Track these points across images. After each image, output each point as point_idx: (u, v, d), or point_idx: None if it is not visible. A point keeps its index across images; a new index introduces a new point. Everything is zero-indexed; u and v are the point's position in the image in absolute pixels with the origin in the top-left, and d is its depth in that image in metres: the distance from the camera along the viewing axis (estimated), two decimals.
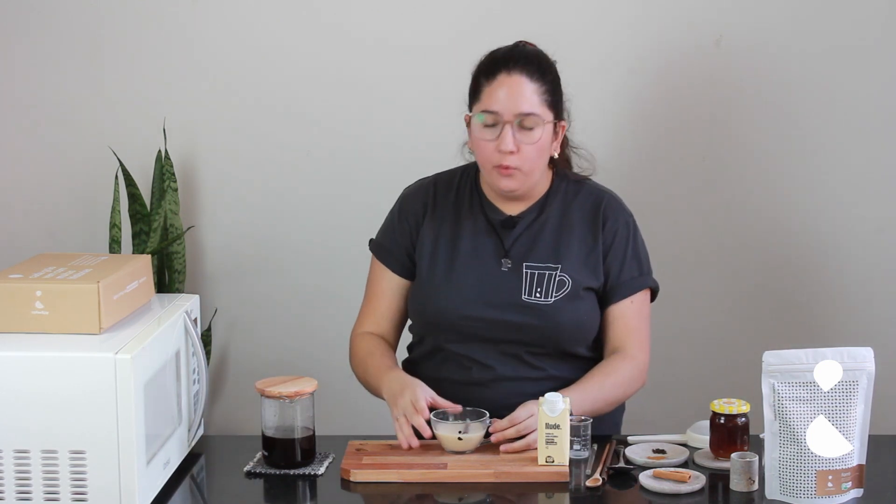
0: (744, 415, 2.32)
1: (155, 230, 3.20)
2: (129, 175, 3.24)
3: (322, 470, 2.31)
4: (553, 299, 2.50)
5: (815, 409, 2.15)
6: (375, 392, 2.55)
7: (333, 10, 3.30)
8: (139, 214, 3.25)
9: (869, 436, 2.18)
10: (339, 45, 3.30)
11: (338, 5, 3.30)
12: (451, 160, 2.67)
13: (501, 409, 2.40)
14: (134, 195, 3.25)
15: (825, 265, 3.34)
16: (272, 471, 2.31)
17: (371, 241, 2.68)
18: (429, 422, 2.37)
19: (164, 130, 3.26)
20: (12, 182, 3.37)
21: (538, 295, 2.51)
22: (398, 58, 3.31)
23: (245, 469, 2.33)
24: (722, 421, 2.32)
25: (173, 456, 2.30)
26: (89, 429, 2.05)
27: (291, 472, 2.30)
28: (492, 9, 3.28)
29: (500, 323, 2.51)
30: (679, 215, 3.34)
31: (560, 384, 2.49)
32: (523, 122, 2.45)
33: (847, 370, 2.15)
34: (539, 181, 2.56)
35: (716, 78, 3.29)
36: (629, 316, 2.56)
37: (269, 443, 2.32)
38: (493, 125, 2.46)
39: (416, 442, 2.36)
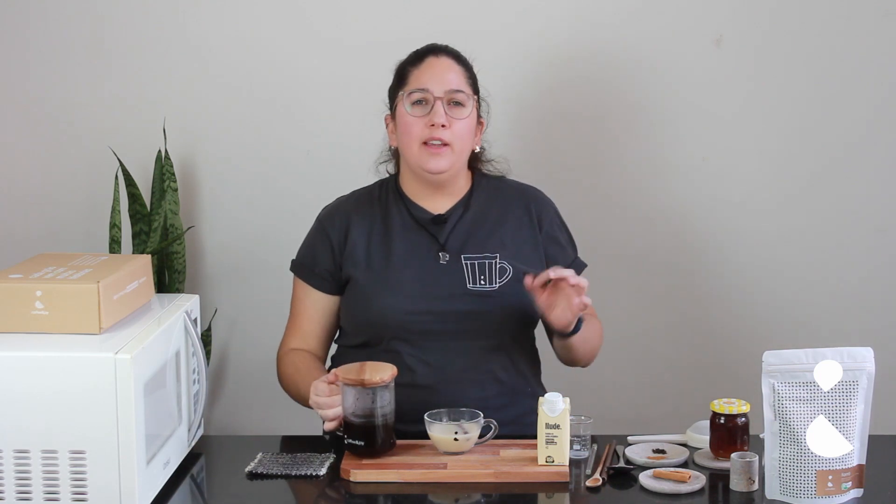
0: (744, 415, 2.32)
1: (155, 230, 3.20)
2: (129, 175, 3.24)
3: (323, 471, 2.31)
4: (498, 285, 2.53)
5: (815, 409, 2.15)
6: (308, 405, 2.47)
7: (333, 11, 3.30)
8: (139, 214, 3.25)
9: (869, 436, 2.19)
10: (339, 46, 3.30)
11: (338, 7, 3.30)
12: None
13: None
14: (134, 195, 3.25)
15: (826, 265, 3.34)
16: (274, 471, 2.31)
17: (292, 261, 2.69)
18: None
19: (164, 130, 3.25)
20: (13, 182, 3.37)
21: (482, 282, 2.53)
22: (397, 59, 3.31)
23: (247, 470, 2.33)
24: (722, 421, 2.32)
25: (173, 456, 2.30)
26: (89, 429, 2.05)
27: (293, 472, 2.30)
28: (493, 11, 3.27)
29: (447, 314, 2.51)
30: (680, 215, 3.34)
31: (506, 389, 2.52)
32: (453, 98, 2.52)
33: (847, 370, 2.15)
34: (461, 175, 2.60)
35: (716, 78, 3.29)
36: None
37: (352, 429, 2.31)
38: (423, 103, 2.53)
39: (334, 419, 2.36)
